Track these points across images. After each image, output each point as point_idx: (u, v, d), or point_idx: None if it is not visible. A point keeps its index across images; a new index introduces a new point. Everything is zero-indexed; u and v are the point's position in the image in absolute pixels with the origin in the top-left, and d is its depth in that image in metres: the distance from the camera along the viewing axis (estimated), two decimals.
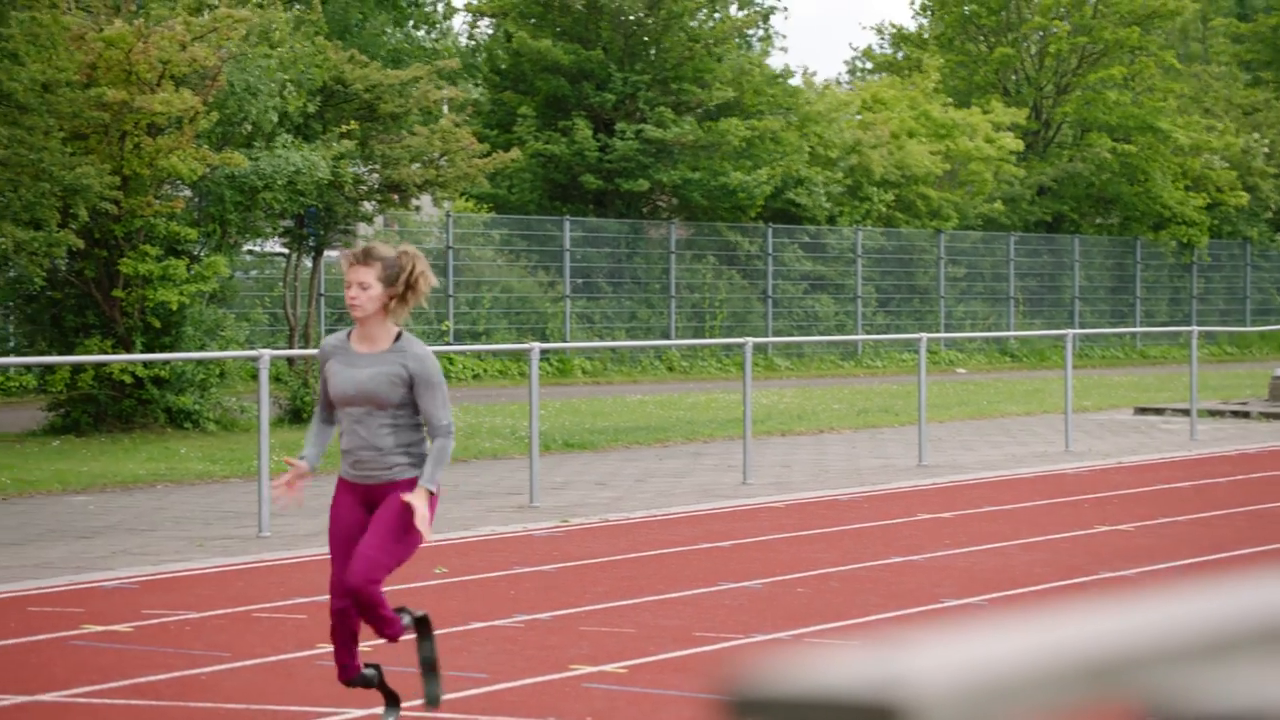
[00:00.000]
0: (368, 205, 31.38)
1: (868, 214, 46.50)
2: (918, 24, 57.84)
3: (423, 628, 8.33)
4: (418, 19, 41.59)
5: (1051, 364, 46.39)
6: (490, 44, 45.61)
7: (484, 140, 37.42)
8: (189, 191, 25.02)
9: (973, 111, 49.72)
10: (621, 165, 41.97)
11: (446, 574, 12.81)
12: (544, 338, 39.70)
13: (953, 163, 48.53)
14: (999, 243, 50.27)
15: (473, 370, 37.22)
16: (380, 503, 8.14)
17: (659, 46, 43.30)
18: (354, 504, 8.19)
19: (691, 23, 43.56)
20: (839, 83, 52.45)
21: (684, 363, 41.22)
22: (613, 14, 43.02)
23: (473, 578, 12.69)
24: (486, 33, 46.95)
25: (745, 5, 45.37)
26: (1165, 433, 25.75)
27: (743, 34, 45.14)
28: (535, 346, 17.68)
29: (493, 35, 46.01)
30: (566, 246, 41.01)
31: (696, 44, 43.11)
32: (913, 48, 56.46)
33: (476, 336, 39.17)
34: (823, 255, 45.88)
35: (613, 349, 39.90)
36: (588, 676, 9.39)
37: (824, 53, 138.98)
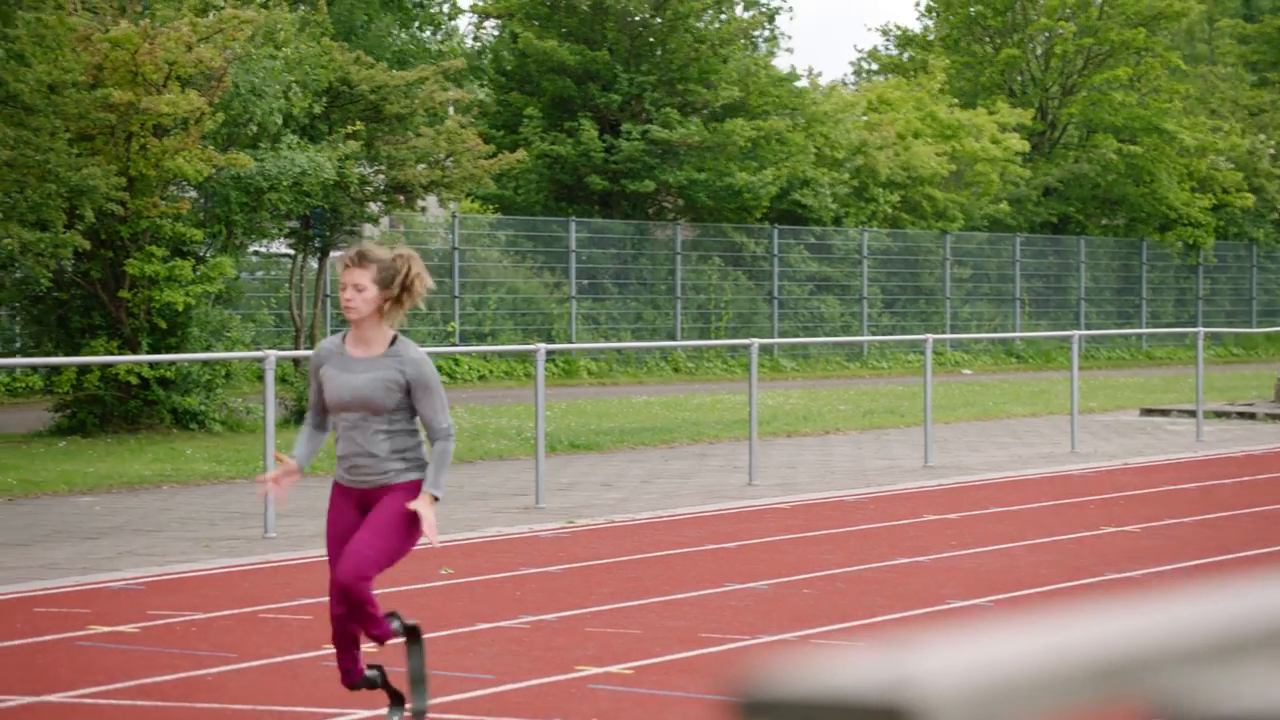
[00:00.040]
0: (373, 206, 31.39)
1: (873, 215, 46.50)
2: (922, 25, 57.85)
3: (413, 638, 8.26)
4: (423, 20, 41.61)
5: (1057, 365, 46.36)
6: (496, 45, 45.63)
7: (490, 141, 37.43)
8: (195, 192, 25.04)
9: (978, 112, 49.71)
10: (627, 166, 41.98)
11: (452, 575, 12.81)
12: (550, 339, 39.70)
13: (958, 164, 48.52)
14: (1004, 244, 50.25)
15: (478, 371, 37.23)
16: (375, 505, 8.15)
17: (665, 47, 43.30)
18: (350, 507, 8.19)
19: (697, 24, 43.56)
20: (844, 84, 52.42)
21: (689, 364, 41.22)
22: (618, 15, 43.02)
23: (478, 579, 12.69)
24: (492, 34, 46.95)
25: (750, 6, 45.38)
26: (1171, 434, 25.74)
27: (748, 35, 45.13)
28: (541, 347, 17.67)
29: (499, 37, 46.02)
30: (572, 247, 41.02)
31: (702, 45, 43.11)
32: (918, 49, 56.45)
33: (482, 337, 39.18)
34: (828, 256, 45.87)
35: (618, 350, 39.90)
36: (593, 678, 9.39)
37: (828, 54, 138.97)
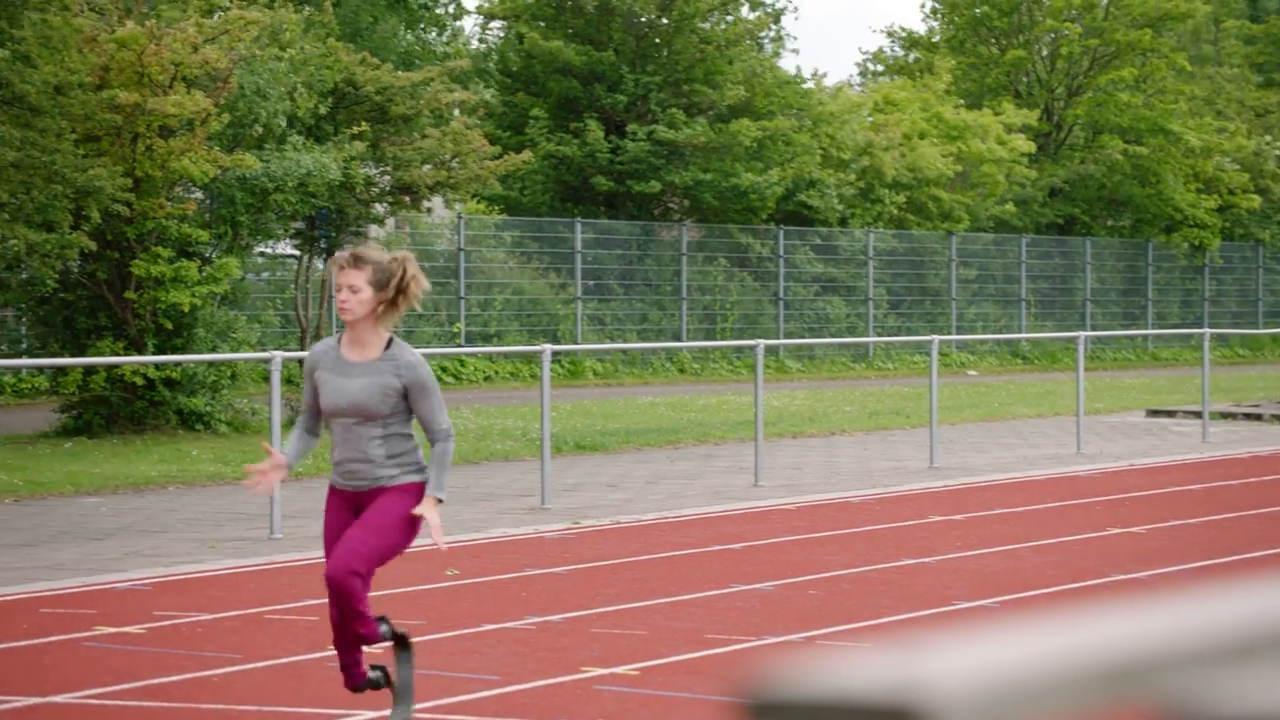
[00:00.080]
0: (379, 207, 31.40)
1: (879, 216, 46.49)
2: (927, 27, 57.82)
3: (402, 646, 8.21)
4: (428, 22, 41.62)
5: (1063, 366, 46.34)
6: (503, 46, 45.65)
7: (496, 142, 37.43)
8: (200, 193, 25.05)
9: (984, 113, 49.69)
10: (633, 167, 41.98)
11: (458, 576, 12.81)
12: (555, 340, 39.70)
13: (964, 165, 48.51)
14: (1010, 245, 50.23)
15: (484, 372, 37.24)
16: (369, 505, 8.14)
17: (670, 48, 43.31)
18: (345, 510, 8.18)
19: (703, 25, 43.57)
20: (851, 85, 52.41)
21: (695, 365, 41.22)
22: (624, 16, 43.03)
23: (484, 580, 12.69)
24: (498, 36, 46.98)
25: (756, 6, 45.37)
26: (1177, 435, 25.72)
27: (754, 36, 45.14)
28: (546, 348, 17.68)
29: (504, 38, 46.04)
30: (578, 248, 41.02)
31: (708, 46, 43.12)
32: (923, 51, 56.44)
33: (488, 338, 39.18)
34: (834, 257, 45.86)
35: (624, 351, 39.90)
36: (599, 679, 9.39)
37: (833, 56, 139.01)
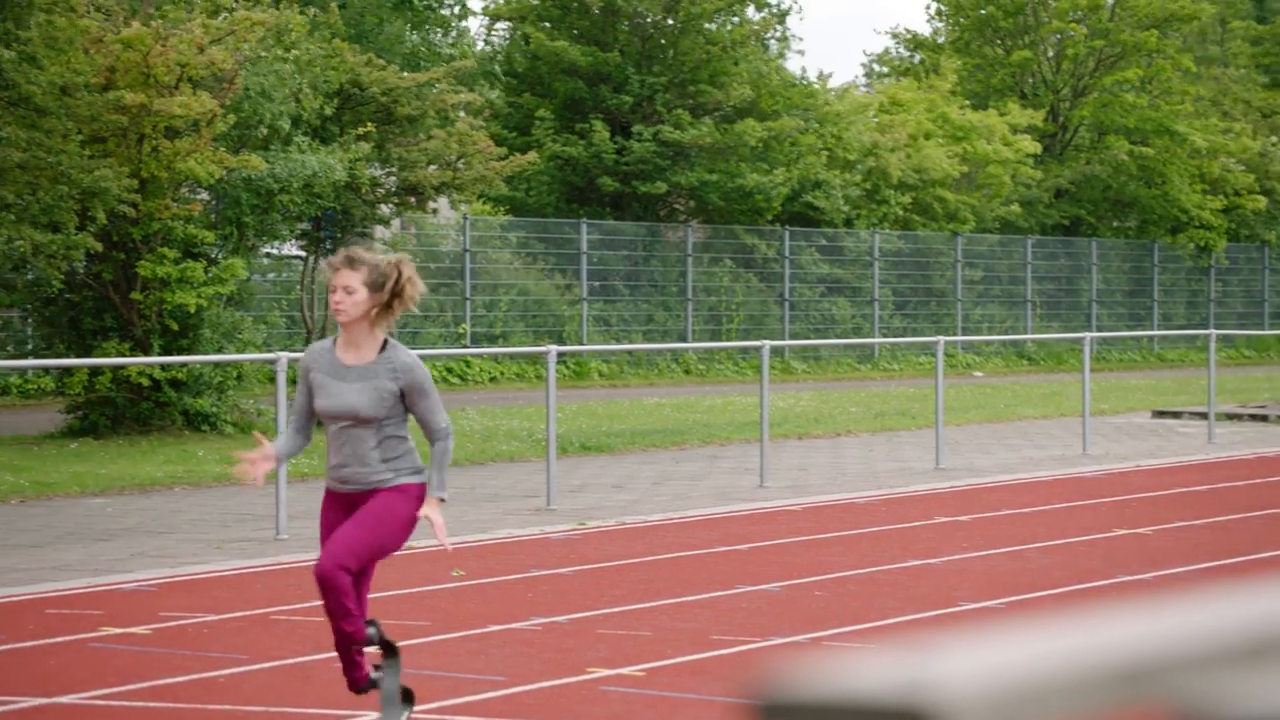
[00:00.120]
0: (384, 208, 31.39)
1: (885, 217, 46.48)
2: (932, 28, 57.81)
3: (389, 654, 8.15)
4: (434, 22, 41.62)
5: (1069, 367, 46.33)
6: (509, 47, 45.66)
7: (501, 143, 37.44)
8: (206, 194, 25.06)
9: (989, 114, 49.68)
10: (639, 168, 41.99)
11: (464, 577, 12.81)
12: (561, 340, 39.70)
13: (970, 165, 48.49)
14: (1016, 246, 50.21)
15: (489, 373, 37.24)
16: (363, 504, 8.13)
17: (676, 49, 43.31)
18: (340, 513, 8.17)
19: (709, 25, 43.57)
20: (856, 86, 52.41)
21: (701, 366, 41.21)
22: (630, 16, 43.04)
23: (490, 580, 12.69)
24: (503, 37, 46.98)
25: (761, 7, 45.35)
26: (1183, 436, 25.71)
27: (760, 37, 45.14)
28: (552, 349, 17.69)
29: (511, 39, 46.05)
30: (583, 249, 41.02)
31: (714, 47, 43.12)
32: (929, 52, 56.43)
33: (493, 339, 39.18)
34: (840, 258, 45.86)
35: (629, 352, 39.90)
36: (605, 679, 9.39)
37: (837, 58, 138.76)
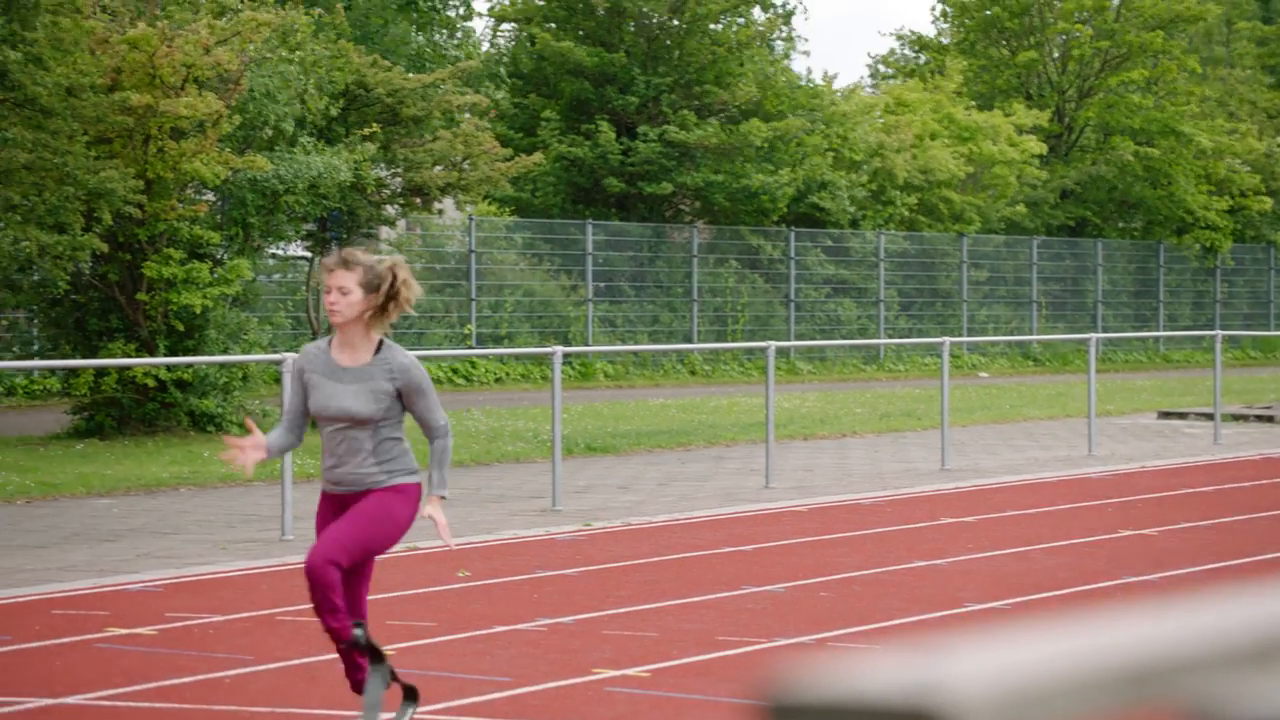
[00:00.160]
0: (390, 209, 31.37)
1: (890, 218, 46.47)
2: (937, 29, 57.79)
3: (375, 659, 8.12)
4: (439, 23, 41.63)
5: (1074, 368, 46.30)
6: (514, 48, 45.67)
7: (507, 144, 37.46)
8: (212, 195, 25.07)
9: (995, 114, 49.66)
10: (644, 168, 41.99)
11: (469, 577, 12.81)
12: (566, 341, 39.71)
13: (975, 166, 48.47)
14: (1022, 246, 50.20)
15: (495, 374, 37.24)
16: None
17: (682, 50, 43.32)
18: (336, 514, 8.17)
19: (714, 26, 43.57)
20: (862, 87, 52.40)
21: (706, 366, 41.21)
22: (636, 17, 43.05)
23: (495, 581, 12.69)
24: (509, 39, 46.98)
25: (767, 7, 45.34)
26: (1189, 437, 25.69)
27: (765, 39, 45.13)
28: (558, 350, 17.67)
29: (516, 40, 46.06)
30: (589, 250, 41.02)
31: (720, 48, 43.13)
32: (934, 53, 56.42)
33: (499, 340, 39.18)
34: (845, 259, 45.85)
35: (635, 353, 39.90)
36: (611, 680, 9.39)
37: (841, 59, 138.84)
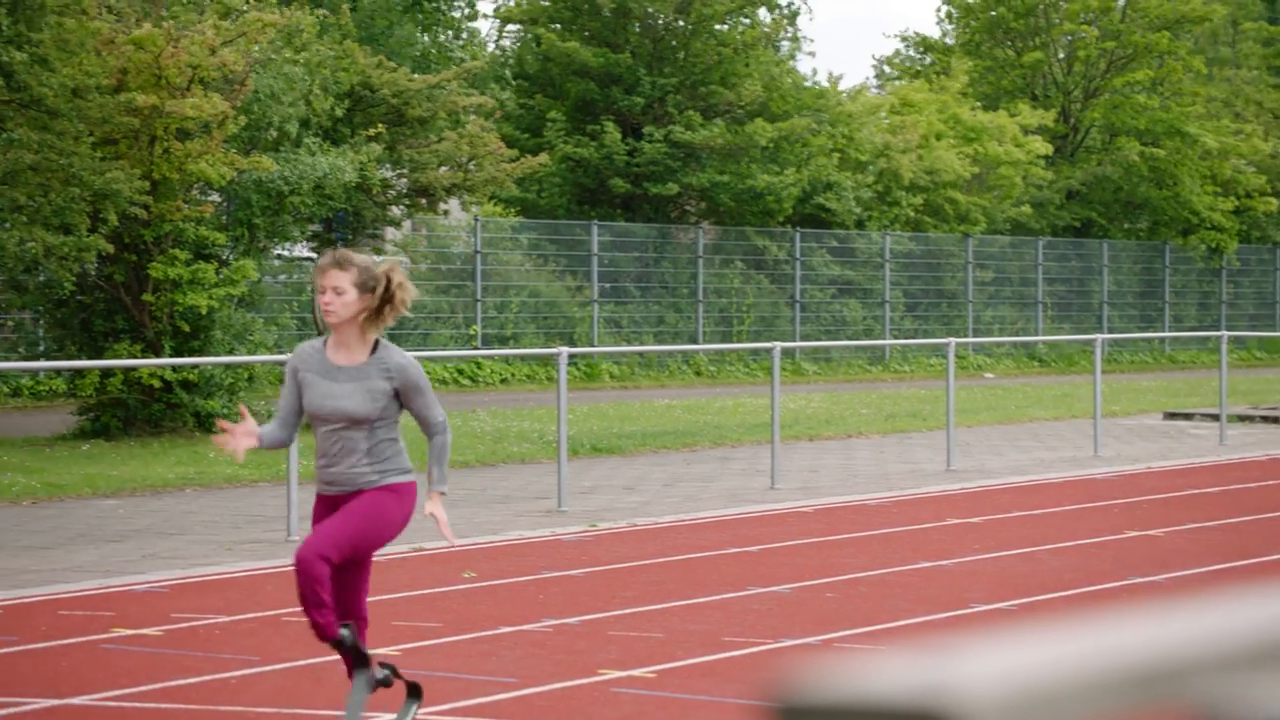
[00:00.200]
0: (396, 209, 31.37)
1: (896, 219, 46.46)
2: (942, 30, 57.77)
3: (360, 663, 8.10)
4: (443, 24, 41.65)
5: (1080, 369, 46.28)
6: (520, 49, 45.69)
7: (513, 144, 37.46)
8: (217, 196, 25.08)
9: (1000, 114, 49.64)
10: (650, 169, 42.00)
11: (474, 578, 12.81)
12: (572, 342, 39.70)
13: (981, 167, 48.46)
14: (1027, 247, 50.18)
15: (500, 375, 37.25)
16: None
17: (688, 51, 43.32)
18: (330, 514, 8.16)
19: (720, 27, 43.57)
20: (867, 88, 52.41)
21: (711, 367, 41.21)
22: (641, 18, 43.05)
23: (501, 582, 12.69)
24: (515, 41, 46.99)
25: (772, 8, 45.33)
26: (1194, 438, 25.68)
27: (771, 40, 45.13)
28: (563, 351, 17.68)
29: (522, 41, 46.08)
30: (594, 251, 41.02)
31: (725, 48, 43.12)
32: (938, 55, 56.41)
33: (504, 341, 39.19)
34: (851, 260, 45.84)
35: (640, 353, 39.89)
36: (616, 681, 9.38)
37: (846, 60, 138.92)
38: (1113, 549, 14.50)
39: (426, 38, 40.94)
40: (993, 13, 54.31)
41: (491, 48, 46.99)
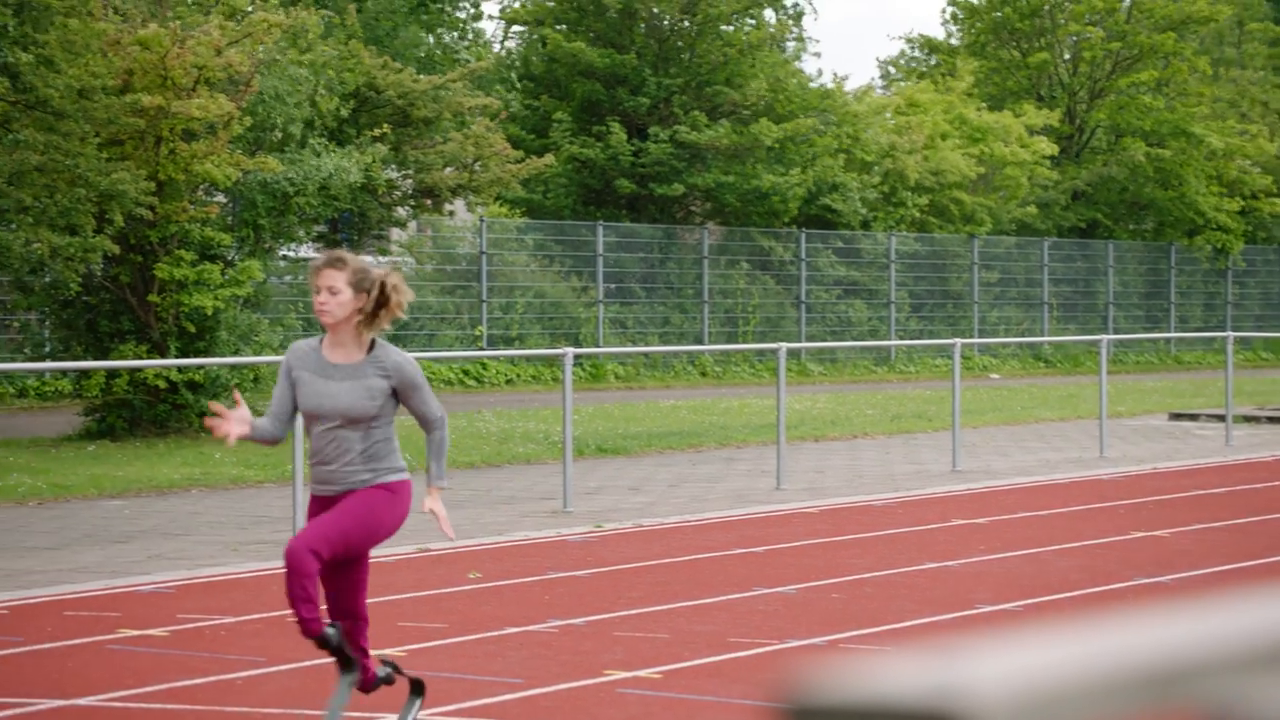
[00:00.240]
0: (401, 210, 31.38)
1: (901, 219, 46.45)
2: (946, 31, 57.76)
3: (345, 667, 8.07)
4: (447, 25, 41.67)
5: (1086, 369, 46.26)
6: (526, 50, 45.70)
7: (519, 145, 37.47)
8: (223, 197, 25.10)
9: (1005, 114, 49.62)
10: (655, 169, 42.00)
11: (480, 579, 12.81)
12: (577, 343, 39.71)
13: (987, 167, 48.44)
14: (1033, 248, 50.16)
15: (506, 375, 37.25)
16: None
17: (693, 51, 43.33)
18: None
19: (726, 27, 43.57)
20: (873, 89, 52.41)
21: (717, 368, 41.20)
22: (647, 19, 43.05)
23: (507, 583, 12.69)
24: (520, 42, 47.01)
25: (777, 8, 45.32)
26: (1200, 438, 25.66)
27: (777, 41, 45.13)
28: (569, 351, 17.66)
29: (528, 42, 46.09)
30: (600, 251, 41.02)
31: (731, 49, 43.13)
32: (944, 56, 56.39)
33: (510, 342, 39.20)
34: (856, 261, 45.83)
35: (646, 354, 39.89)
36: (622, 682, 9.38)
37: (851, 61, 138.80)
38: (1118, 550, 14.50)
39: (431, 39, 40.95)
40: (998, 14, 54.29)
41: (497, 49, 47.03)
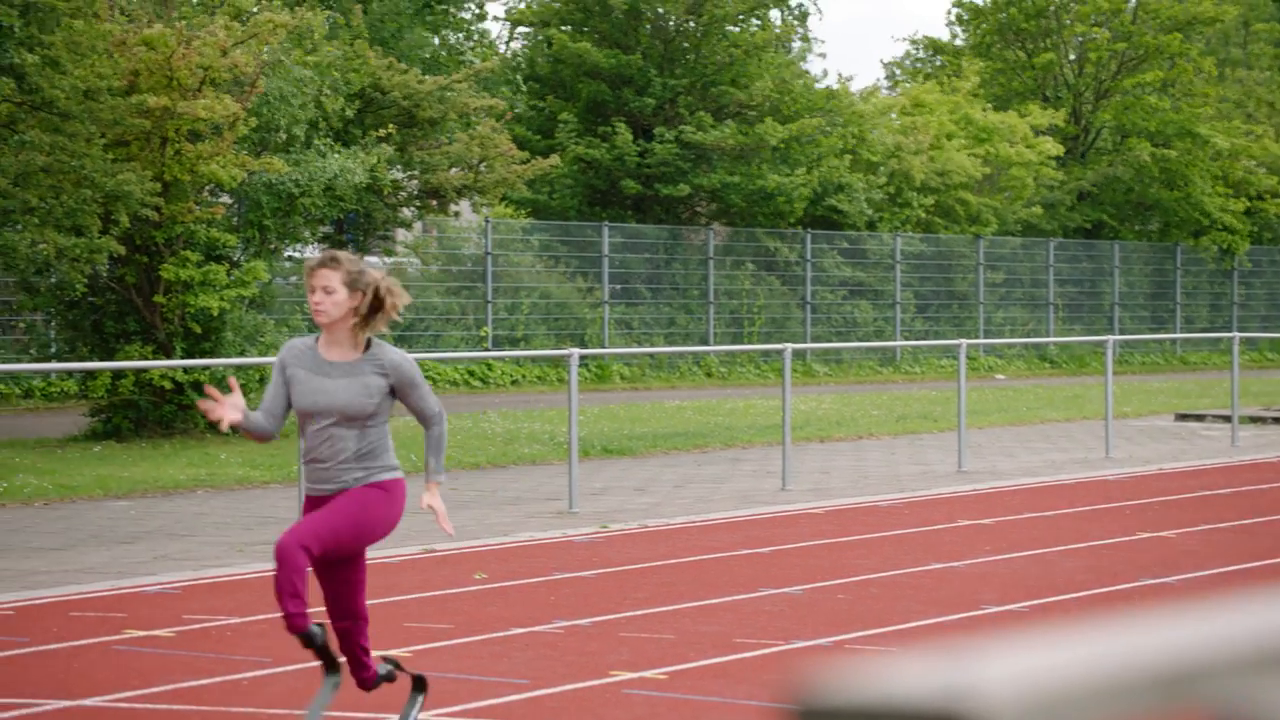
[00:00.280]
0: (406, 211, 31.38)
1: (907, 220, 46.44)
2: (951, 32, 57.74)
3: (330, 669, 8.06)
4: (452, 25, 41.68)
5: (1091, 370, 46.24)
6: (531, 51, 45.71)
7: (524, 146, 37.48)
8: (228, 197, 25.10)
9: (1010, 115, 49.60)
10: (660, 170, 41.99)
11: (486, 580, 12.81)
12: (583, 343, 39.71)
13: (992, 168, 48.43)
14: (1038, 249, 50.14)
15: (511, 376, 37.25)
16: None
17: (699, 52, 43.33)
18: None
19: (731, 28, 43.57)
20: (879, 89, 52.40)
21: (722, 369, 41.19)
22: (653, 19, 43.06)
23: (512, 583, 12.69)
24: (525, 43, 47.00)
25: (782, 7, 45.31)
26: (1206, 439, 25.65)
27: (782, 41, 45.13)
28: (574, 352, 17.66)
29: (533, 43, 46.10)
30: (605, 252, 41.02)
31: (737, 49, 43.13)
32: (949, 57, 56.39)
33: (515, 342, 39.20)
34: (862, 261, 45.81)
35: (651, 355, 39.89)
36: (628, 683, 9.38)
37: (856, 61, 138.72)
38: (1125, 550, 14.49)
39: (437, 40, 40.96)
40: (1003, 15, 54.28)
41: (502, 50, 47.03)
